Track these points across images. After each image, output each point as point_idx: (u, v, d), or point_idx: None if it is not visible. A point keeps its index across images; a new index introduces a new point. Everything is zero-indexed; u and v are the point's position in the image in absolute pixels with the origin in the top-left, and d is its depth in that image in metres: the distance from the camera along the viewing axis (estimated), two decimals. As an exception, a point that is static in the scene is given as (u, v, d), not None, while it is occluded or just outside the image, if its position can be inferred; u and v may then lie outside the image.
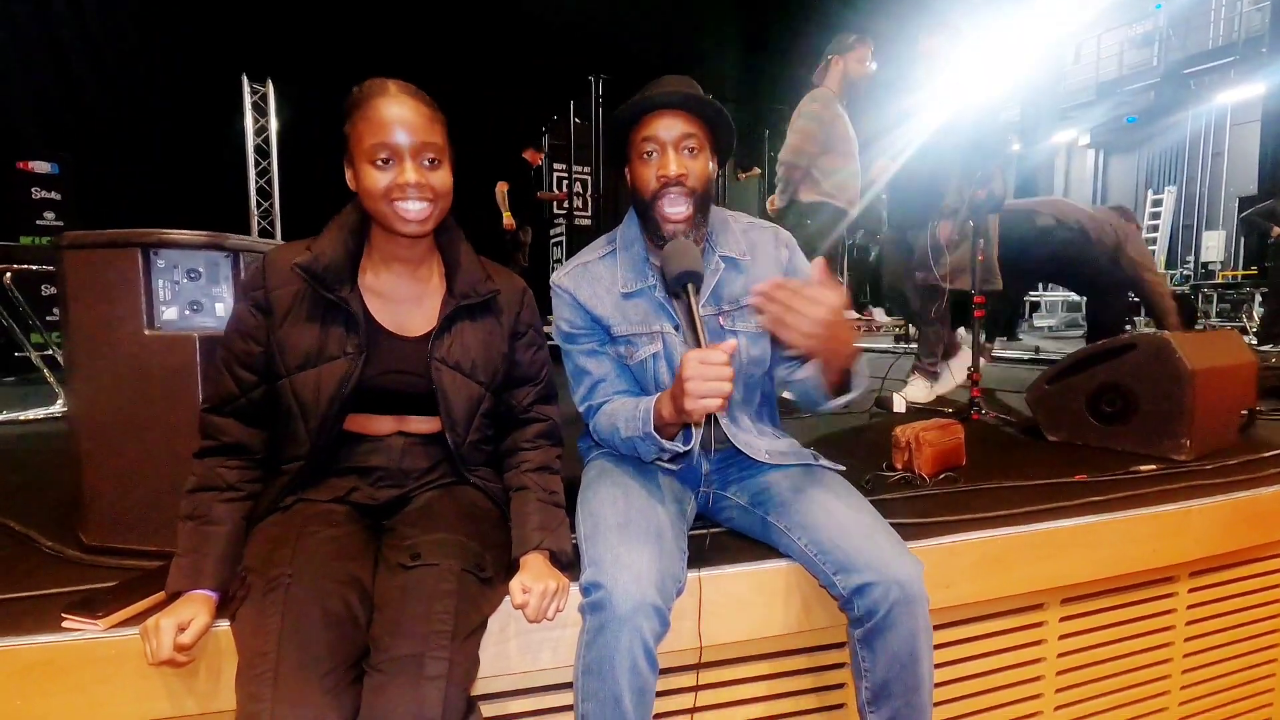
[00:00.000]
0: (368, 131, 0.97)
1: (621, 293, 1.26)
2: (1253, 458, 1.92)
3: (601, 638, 0.95)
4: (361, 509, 1.06)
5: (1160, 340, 1.91)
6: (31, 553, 1.29)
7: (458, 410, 1.08)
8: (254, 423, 1.04)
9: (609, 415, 1.23)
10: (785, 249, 1.33)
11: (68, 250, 1.26)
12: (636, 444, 1.17)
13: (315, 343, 1.01)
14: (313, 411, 1.01)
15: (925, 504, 1.53)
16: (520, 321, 1.17)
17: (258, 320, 1.02)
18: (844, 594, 1.06)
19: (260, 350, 1.02)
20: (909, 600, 1.02)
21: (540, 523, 1.08)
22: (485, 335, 1.11)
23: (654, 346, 1.26)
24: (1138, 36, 12.68)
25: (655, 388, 1.27)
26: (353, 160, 1.00)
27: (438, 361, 1.06)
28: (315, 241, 1.04)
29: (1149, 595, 1.56)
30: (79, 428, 1.30)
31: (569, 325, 1.29)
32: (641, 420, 1.14)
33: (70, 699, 0.96)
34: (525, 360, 1.18)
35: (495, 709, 1.13)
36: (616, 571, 0.97)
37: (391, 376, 1.05)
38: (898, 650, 1.03)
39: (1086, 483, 1.68)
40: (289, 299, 1.01)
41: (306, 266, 1.00)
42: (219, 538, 0.97)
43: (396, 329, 1.06)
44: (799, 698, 1.28)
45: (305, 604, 0.85)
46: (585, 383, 1.30)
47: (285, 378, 1.01)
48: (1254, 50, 10.29)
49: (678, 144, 1.17)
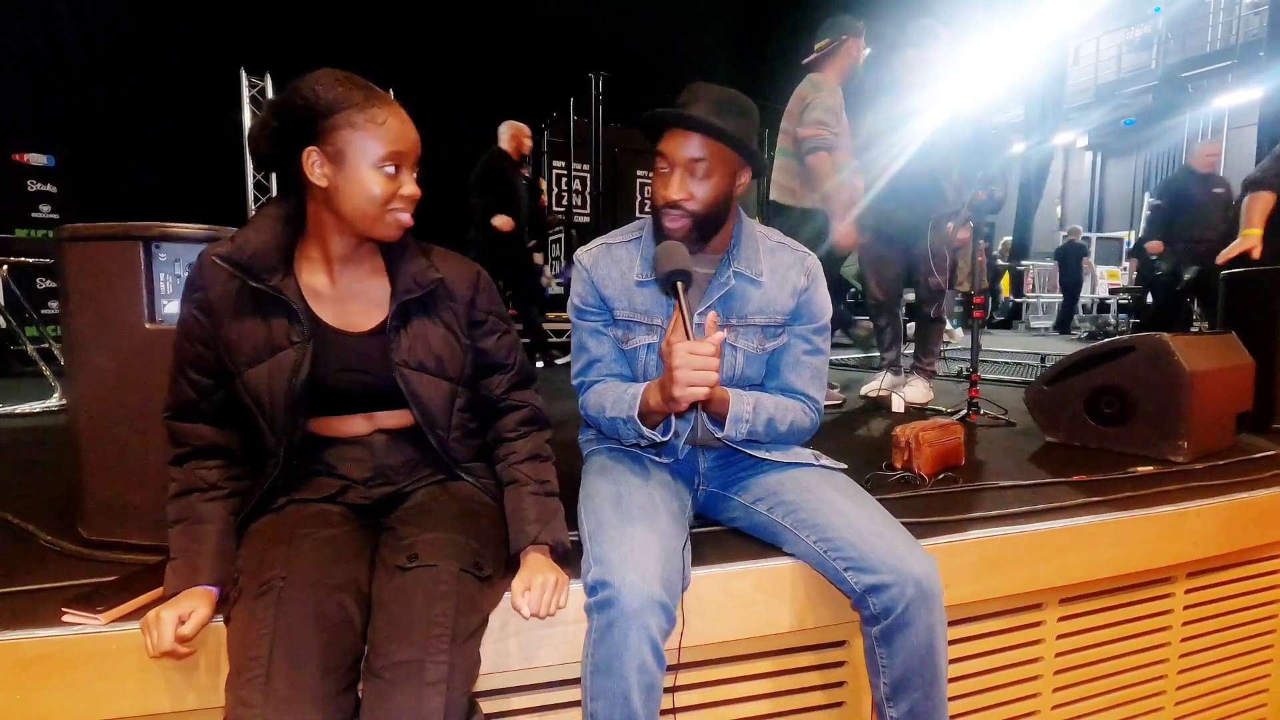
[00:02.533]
0: (380, 138, 0.94)
1: (636, 280, 1.29)
2: (1249, 459, 1.93)
3: (610, 636, 0.95)
4: (356, 509, 1.04)
5: (1159, 342, 1.92)
6: (31, 547, 1.28)
7: (434, 409, 1.05)
8: (223, 424, 1.02)
9: (599, 394, 1.27)
10: (805, 277, 1.30)
11: (68, 243, 1.26)
12: (619, 425, 1.20)
13: (261, 337, 0.98)
14: (270, 406, 0.98)
15: (924, 504, 1.53)
16: (477, 309, 1.12)
17: (202, 322, 0.98)
18: (857, 591, 1.06)
19: (210, 353, 0.99)
20: (926, 597, 1.03)
21: (537, 516, 1.07)
22: (443, 329, 1.07)
23: (649, 337, 1.28)
24: (1136, 40, 12.73)
25: (643, 377, 1.29)
26: (339, 159, 0.94)
27: (401, 366, 1.02)
28: (239, 232, 1.00)
29: (1146, 596, 1.57)
30: (79, 421, 1.29)
31: (580, 300, 1.31)
32: (628, 404, 1.17)
33: (71, 693, 0.96)
34: (490, 347, 1.14)
35: (497, 705, 1.13)
36: (623, 570, 0.97)
37: (348, 375, 1.01)
38: (916, 645, 1.04)
39: (1084, 483, 1.69)
40: (228, 298, 0.98)
41: (228, 257, 0.95)
42: (210, 535, 0.96)
43: (342, 325, 1.02)
44: (801, 695, 1.28)
45: (298, 607, 0.84)
46: (583, 359, 1.33)
47: (237, 376, 0.98)
48: (1252, 54, 10.33)
49: (687, 166, 1.17)
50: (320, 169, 0.95)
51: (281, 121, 0.96)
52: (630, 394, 1.19)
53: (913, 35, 2.69)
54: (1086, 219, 16.14)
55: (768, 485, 1.24)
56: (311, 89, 0.94)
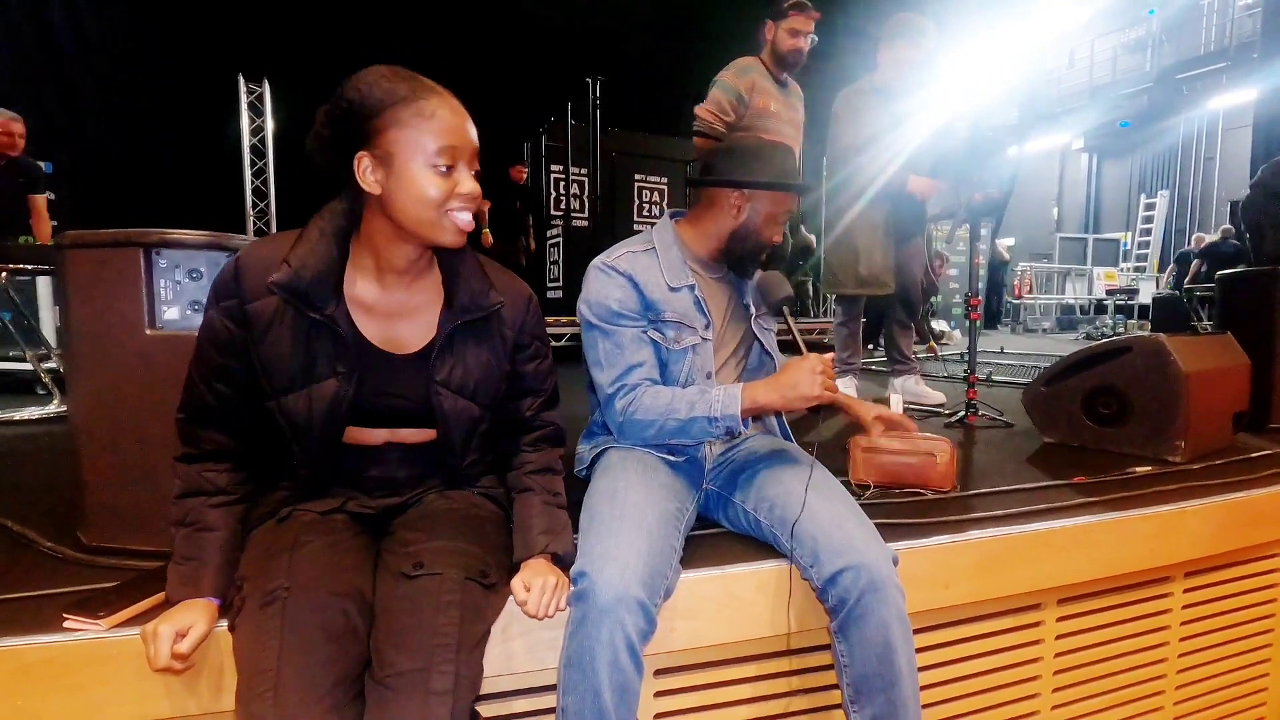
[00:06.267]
0: (430, 132, 0.88)
1: (669, 286, 1.33)
2: (1246, 458, 1.94)
3: (583, 629, 0.95)
4: (357, 517, 1.03)
5: (1155, 343, 1.93)
6: (31, 553, 1.28)
7: (456, 433, 1.03)
8: (237, 431, 0.99)
9: (655, 397, 1.27)
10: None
11: (69, 250, 1.26)
12: (693, 424, 1.23)
13: (301, 362, 0.93)
14: (306, 433, 0.95)
15: (924, 504, 1.54)
16: (524, 333, 1.08)
17: (233, 333, 0.93)
18: (819, 584, 1.07)
19: (240, 364, 0.94)
20: (877, 586, 1.02)
21: (545, 526, 1.06)
22: (488, 355, 1.04)
23: (693, 339, 1.33)
24: (1131, 42, 12.80)
25: (684, 379, 1.33)
26: (389, 161, 0.88)
27: (439, 386, 0.99)
28: (294, 250, 0.92)
29: (1145, 595, 1.57)
30: (79, 427, 1.29)
31: (619, 305, 1.29)
32: (724, 403, 1.22)
33: (71, 699, 0.95)
34: (529, 372, 1.11)
35: (499, 708, 1.13)
36: (603, 563, 0.97)
37: (387, 399, 0.99)
38: (872, 639, 1.03)
39: (1083, 484, 1.70)
40: (268, 314, 0.92)
41: (287, 285, 0.90)
42: (215, 544, 0.94)
43: (387, 345, 0.98)
44: (793, 698, 1.29)
45: (304, 618, 0.83)
46: (621, 364, 1.30)
47: (273, 400, 0.95)
48: (1246, 56, 10.39)
49: (786, 219, 1.40)
50: (372, 175, 0.89)
51: (332, 129, 0.90)
52: (719, 394, 1.23)
53: (892, 28, 2.68)
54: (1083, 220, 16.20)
55: (755, 484, 1.26)
56: (356, 89, 0.88)
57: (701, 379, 1.33)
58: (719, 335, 1.40)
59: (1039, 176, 16.07)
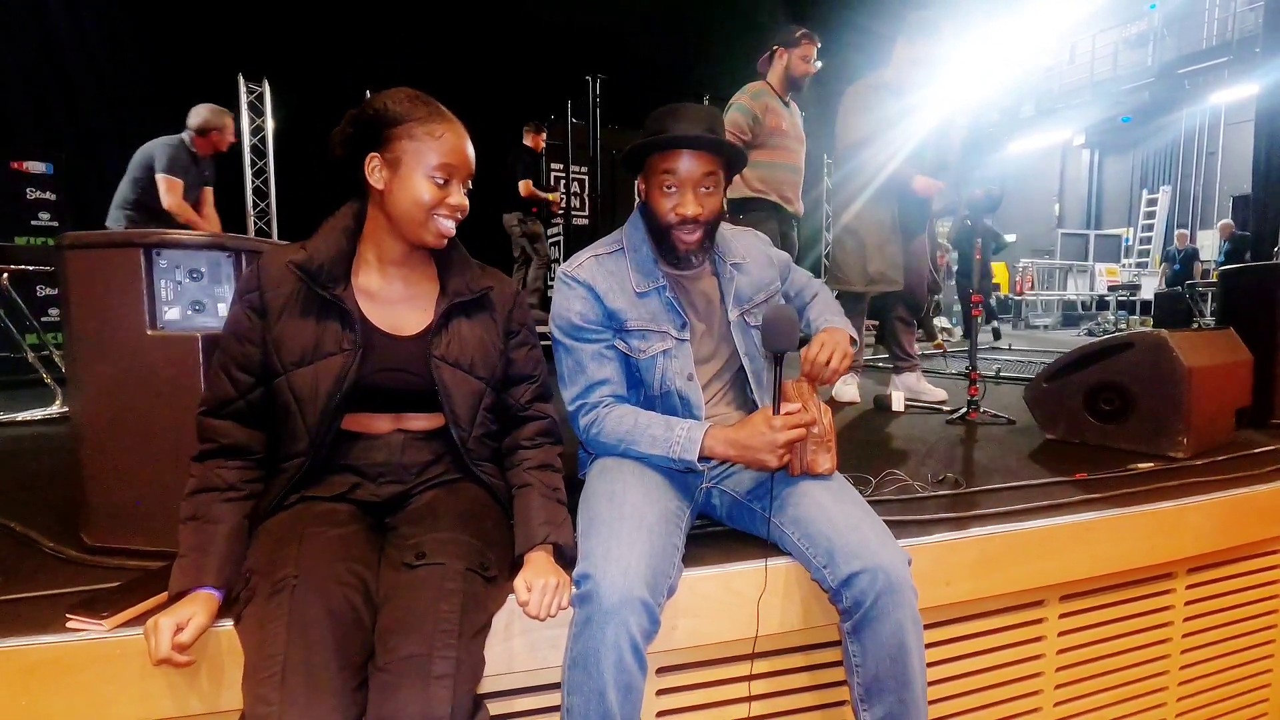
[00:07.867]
0: (434, 150, 1.03)
1: (636, 291, 1.29)
2: (1248, 454, 1.94)
3: (588, 630, 0.96)
4: (364, 506, 1.06)
5: (1157, 339, 1.92)
6: (34, 554, 1.28)
7: (460, 405, 1.09)
8: (252, 424, 1.04)
9: (618, 421, 1.24)
10: (761, 243, 1.48)
11: (70, 250, 1.26)
12: (652, 458, 1.21)
13: (311, 339, 1.02)
14: (311, 408, 1.02)
15: (924, 503, 1.54)
16: (513, 321, 1.19)
17: (253, 323, 1.03)
18: (833, 586, 1.07)
19: (257, 352, 1.03)
20: (894, 589, 1.02)
21: (545, 518, 1.09)
22: (482, 332, 1.13)
23: (664, 344, 1.29)
24: (1132, 37, 12.75)
25: (659, 387, 1.29)
26: (395, 165, 1.03)
27: (437, 359, 1.07)
28: (309, 242, 1.07)
29: (1147, 592, 1.57)
30: (81, 428, 1.30)
31: (580, 318, 1.28)
32: (682, 447, 1.17)
33: (75, 699, 0.96)
34: (520, 359, 1.19)
35: (502, 707, 1.13)
36: (606, 565, 0.97)
37: (389, 374, 1.06)
38: (886, 641, 1.03)
39: (1085, 480, 1.69)
40: (284, 297, 1.03)
41: (302, 265, 1.03)
42: (220, 536, 0.97)
43: (391, 329, 1.07)
44: (801, 695, 1.29)
45: (311, 606, 0.85)
46: (581, 382, 1.29)
47: (282, 374, 1.02)
48: (1248, 50, 10.34)
49: (699, 182, 1.23)
50: (379, 173, 1.04)
51: (355, 129, 1.05)
52: (679, 436, 1.18)
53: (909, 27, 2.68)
54: (1084, 216, 16.16)
55: (760, 480, 1.25)
56: (383, 102, 1.04)
57: (682, 381, 1.29)
58: (700, 334, 1.34)
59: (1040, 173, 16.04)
